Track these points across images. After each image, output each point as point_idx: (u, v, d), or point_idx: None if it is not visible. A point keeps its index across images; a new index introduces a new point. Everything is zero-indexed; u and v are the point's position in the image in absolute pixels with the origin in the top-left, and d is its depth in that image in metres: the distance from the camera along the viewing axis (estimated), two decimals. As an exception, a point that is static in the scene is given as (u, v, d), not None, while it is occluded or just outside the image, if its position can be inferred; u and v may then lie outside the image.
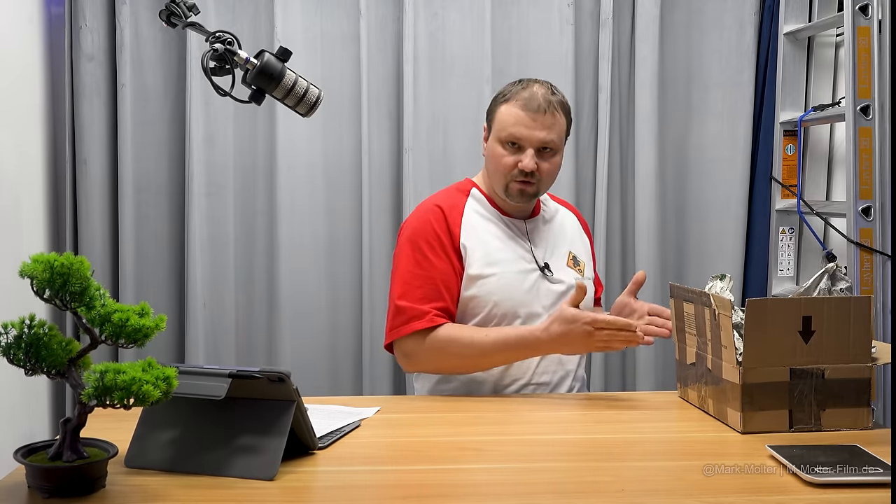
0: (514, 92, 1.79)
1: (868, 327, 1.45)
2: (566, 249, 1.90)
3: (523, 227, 1.86)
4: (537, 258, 1.84)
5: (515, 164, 1.76)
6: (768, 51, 2.55)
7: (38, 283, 1.09)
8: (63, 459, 1.12)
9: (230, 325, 2.53)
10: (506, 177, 1.78)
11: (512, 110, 1.77)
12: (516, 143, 1.76)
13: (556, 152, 1.80)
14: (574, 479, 1.24)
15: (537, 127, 1.75)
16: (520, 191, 1.79)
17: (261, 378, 1.23)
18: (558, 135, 1.78)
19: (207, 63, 1.40)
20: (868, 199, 2.13)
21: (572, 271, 1.86)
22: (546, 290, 1.82)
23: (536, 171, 1.76)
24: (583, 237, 1.98)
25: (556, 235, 1.90)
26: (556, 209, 1.97)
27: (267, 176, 2.51)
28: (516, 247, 1.84)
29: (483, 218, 1.85)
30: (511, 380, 1.80)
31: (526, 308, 1.80)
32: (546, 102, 1.76)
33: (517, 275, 1.80)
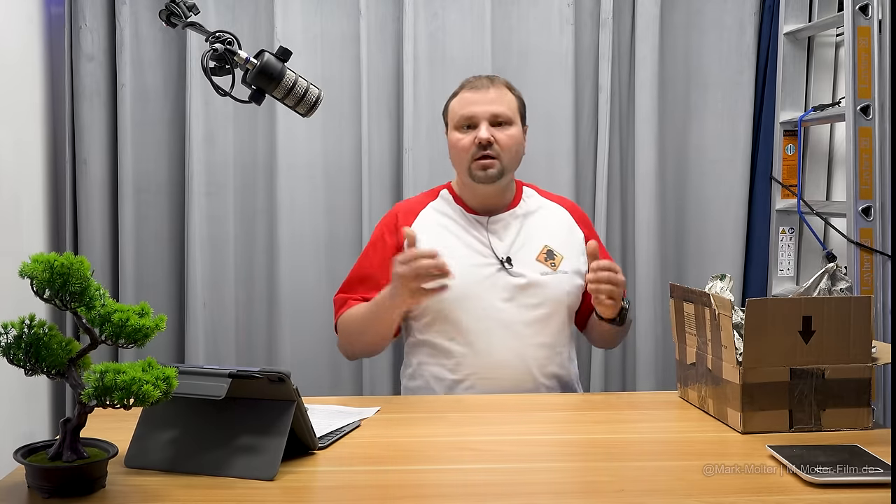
0: (460, 86, 1.93)
1: (868, 327, 1.45)
2: (541, 244, 1.89)
3: (484, 223, 1.89)
4: (497, 252, 1.85)
5: (473, 142, 1.83)
6: (768, 51, 2.55)
7: (38, 283, 1.09)
8: (63, 459, 1.12)
9: (230, 325, 2.53)
10: (467, 159, 1.85)
11: (460, 97, 1.89)
12: (469, 122, 1.85)
13: (511, 125, 1.87)
14: (574, 479, 1.24)
15: (485, 101, 1.85)
16: (483, 168, 1.83)
17: (261, 378, 1.24)
18: (509, 107, 1.87)
19: (207, 63, 1.40)
20: (868, 199, 2.13)
21: (542, 265, 1.86)
22: (504, 283, 1.84)
23: (495, 143, 1.83)
24: (573, 232, 1.96)
25: (530, 230, 1.91)
26: (541, 205, 1.98)
27: (267, 176, 2.51)
28: (474, 242, 1.87)
29: (443, 215, 1.92)
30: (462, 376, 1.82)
31: (476, 300, 1.82)
32: (489, 80, 1.89)
33: (468, 268, 1.83)
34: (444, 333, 1.84)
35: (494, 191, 1.89)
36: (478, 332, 1.82)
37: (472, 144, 1.83)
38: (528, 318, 1.83)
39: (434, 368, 1.85)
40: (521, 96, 1.94)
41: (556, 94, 2.52)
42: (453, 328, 1.83)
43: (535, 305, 1.84)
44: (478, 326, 1.82)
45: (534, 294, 1.84)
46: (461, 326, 1.82)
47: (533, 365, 1.83)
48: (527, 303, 1.84)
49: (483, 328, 1.82)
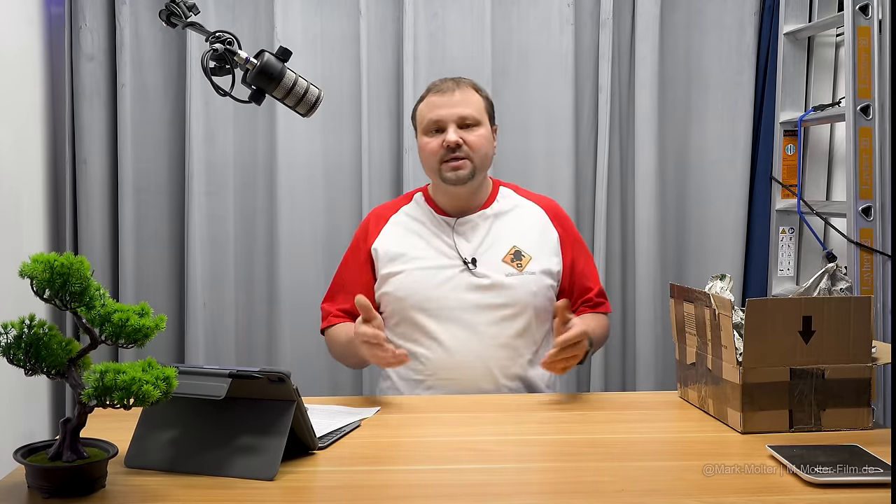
0: (426, 90, 1.93)
1: (868, 327, 1.45)
2: (509, 245, 1.89)
3: (452, 224, 1.90)
4: (463, 253, 1.86)
5: (441, 145, 1.84)
6: (768, 51, 2.55)
7: (38, 283, 1.09)
8: (63, 459, 1.12)
9: (230, 325, 2.53)
10: (437, 162, 1.86)
11: (427, 102, 1.90)
12: (437, 126, 1.86)
13: (479, 125, 1.87)
14: (574, 479, 1.24)
15: (451, 104, 1.86)
16: (453, 170, 1.84)
17: (261, 378, 1.24)
18: (475, 108, 1.88)
19: (207, 63, 1.40)
20: (868, 199, 2.13)
21: (508, 266, 1.86)
22: (468, 285, 1.84)
23: (464, 145, 1.84)
24: (547, 232, 1.94)
25: (499, 231, 1.91)
26: (517, 205, 1.97)
27: (267, 175, 2.51)
28: (440, 244, 1.89)
29: (412, 219, 1.94)
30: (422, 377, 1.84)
31: (436, 302, 1.83)
32: (454, 83, 1.89)
33: (430, 270, 1.85)
34: (408, 335, 1.85)
35: (466, 192, 1.90)
36: (439, 334, 1.82)
37: (441, 147, 1.84)
38: (491, 319, 1.83)
39: (400, 370, 1.86)
40: (488, 97, 1.94)
41: (556, 94, 2.52)
42: (416, 330, 1.84)
43: (499, 306, 1.84)
44: (439, 328, 1.83)
45: (497, 295, 1.84)
46: (424, 328, 1.83)
47: (494, 366, 1.83)
48: (490, 303, 1.84)
49: (445, 329, 1.83)
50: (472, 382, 1.82)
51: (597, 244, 2.53)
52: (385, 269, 1.88)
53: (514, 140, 2.54)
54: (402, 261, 1.87)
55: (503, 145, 2.52)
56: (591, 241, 2.56)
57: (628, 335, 2.60)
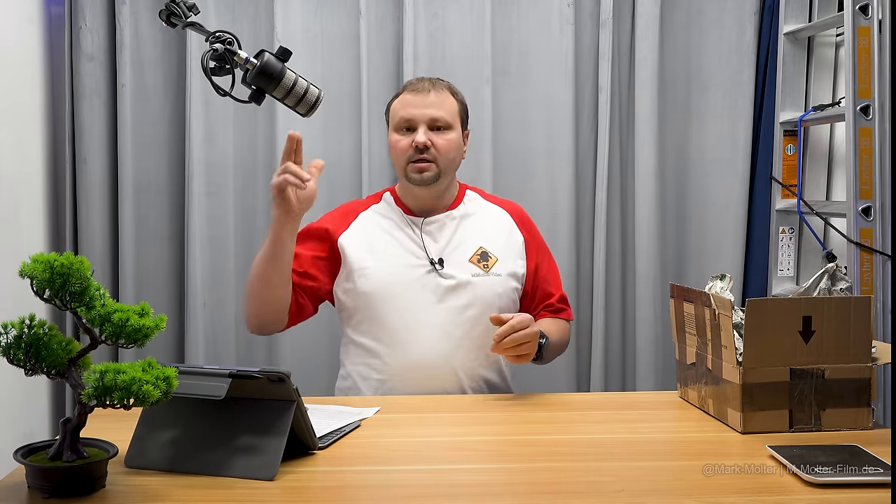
0: (402, 87, 1.94)
1: (868, 327, 1.45)
2: (476, 245, 1.89)
3: (419, 224, 1.90)
4: (430, 253, 1.86)
5: (410, 145, 1.85)
6: (768, 51, 2.55)
7: (38, 283, 1.09)
8: (63, 459, 1.12)
9: (230, 325, 2.53)
10: (404, 161, 1.86)
11: (401, 99, 1.90)
12: (408, 125, 1.86)
13: (450, 129, 1.88)
14: (574, 479, 1.24)
15: (424, 105, 1.86)
16: (419, 171, 1.85)
17: (261, 378, 1.24)
18: (448, 112, 1.88)
19: (207, 63, 1.40)
20: (868, 199, 2.13)
21: (474, 267, 1.86)
22: (434, 284, 1.84)
23: (432, 147, 1.84)
24: (512, 235, 1.95)
25: (466, 231, 1.91)
26: (482, 207, 1.98)
27: (267, 175, 2.50)
28: (408, 242, 1.89)
29: (381, 216, 1.94)
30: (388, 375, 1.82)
31: (405, 300, 1.82)
32: (430, 83, 1.89)
33: (399, 268, 1.85)
34: (371, 333, 1.85)
35: (431, 194, 1.90)
36: (403, 332, 1.82)
37: (410, 147, 1.85)
38: (457, 320, 1.83)
39: (361, 368, 1.86)
40: (463, 101, 1.94)
41: (556, 94, 2.52)
42: (379, 328, 1.84)
43: (465, 307, 1.83)
44: (403, 326, 1.82)
45: (463, 295, 1.84)
46: (387, 326, 1.83)
47: (458, 367, 1.82)
48: (456, 304, 1.83)
49: (408, 328, 1.82)
50: (435, 382, 1.81)
51: (597, 244, 2.53)
52: (353, 264, 1.86)
53: (514, 140, 2.54)
54: (369, 257, 1.86)
55: (503, 145, 2.53)
56: (591, 241, 2.56)
57: (628, 335, 2.60)
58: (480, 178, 2.47)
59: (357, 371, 1.87)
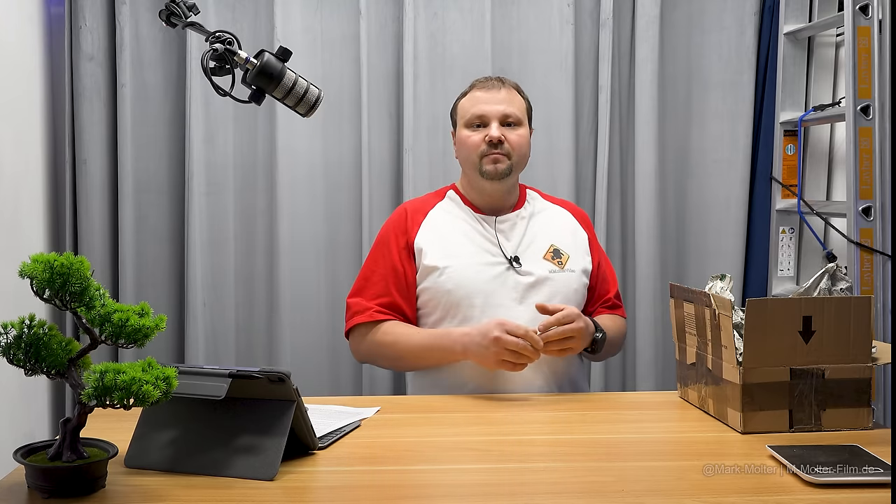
0: (470, 86, 1.96)
1: (868, 327, 1.45)
2: (548, 243, 1.91)
3: (492, 222, 1.91)
4: (505, 251, 1.86)
5: (483, 139, 1.86)
6: (768, 51, 2.55)
7: (38, 283, 1.09)
8: (63, 459, 1.12)
9: (230, 325, 2.53)
10: (477, 156, 1.87)
11: (471, 96, 1.92)
12: (480, 121, 1.88)
13: (521, 125, 1.91)
14: (574, 479, 1.24)
15: (496, 101, 1.89)
16: (494, 164, 1.86)
17: (261, 378, 1.24)
18: (518, 108, 1.91)
19: (207, 63, 1.40)
20: (868, 199, 2.13)
21: (549, 264, 1.87)
22: (513, 282, 1.84)
23: (505, 142, 1.86)
24: (577, 233, 1.97)
25: (537, 230, 1.92)
26: (545, 207, 2.00)
27: (267, 176, 2.51)
28: (482, 240, 1.88)
29: (451, 215, 1.93)
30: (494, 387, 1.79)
31: (484, 298, 1.82)
32: (499, 81, 1.93)
33: (478, 266, 1.84)
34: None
35: (501, 190, 1.91)
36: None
37: (483, 142, 1.86)
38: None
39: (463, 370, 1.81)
40: (528, 99, 1.97)
41: (556, 94, 2.52)
42: (463, 325, 1.81)
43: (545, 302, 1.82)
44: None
45: (542, 292, 1.84)
46: (471, 323, 1.80)
47: (545, 362, 1.80)
48: (536, 301, 1.82)
49: None
50: (522, 381, 1.78)
51: (597, 244, 2.54)
52: (429, 262, 1.85)
53: (514, 140, 2.54)
54: (447, 256, 1.85)
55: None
56: (591, 241, 2.56)
57: (628, 335, 2.59)
58: (480, 178, 2.47)
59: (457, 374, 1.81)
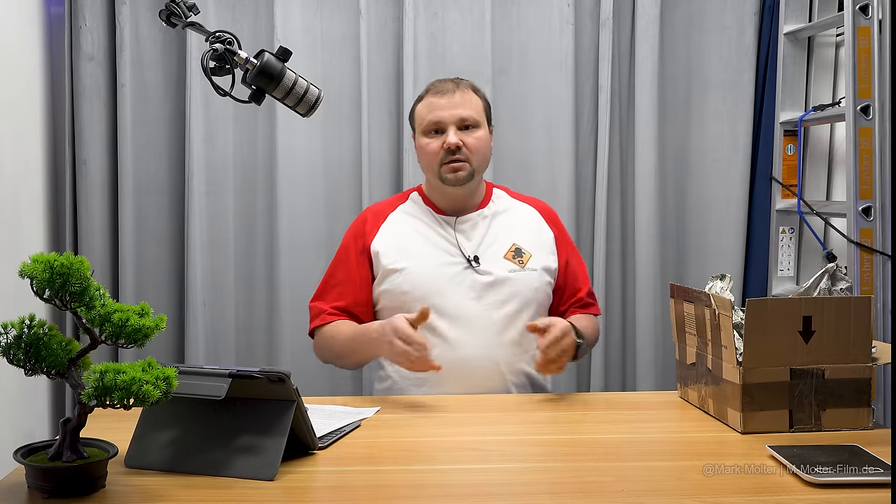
0: (425, 90, 1.94)
1: (868, 327, 1.45)
2: (509, 242, 1.90)
3: (452, 223, 1.91)
4: (465, 251, 1.86)
5: (441, 146, 1.85)
6: (768, 51, 2.55)
7: (38, 283, 1.09)
8: (63, 459, 1.12)
9: (230, 325, 2.53)
10: (437, 164, 1.87)
11: (426, 102, 1.90)
12: (437, 127, 1.87)
13: (479, 127, 1.89)
14: (574, 479, 1.24)
15: (451, 106, 1.86)
16: (453, 171, 1.85)
17: (261, 378, 1.24)
18: (475, 110, 1.88)
19: (207, 63, 1.40)
20: (868, 199, 2.13)
21: (510, 263, 1.87)
22: (471, 281, 1.85)
23: (463, 147, 1.85)
24: (543, 232, 1.96)
25: (499, 229, 1.92)
26: (511, 206, 1.99)
27: (267, 176, 2.51)
28: (441, 241, 1.89)
29: (411, 217, 1.93)
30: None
31: (443, 299, 1.82)
32: (454, 84, 1.90)
33: (435, 266, 1.85)
34: None
35: (464, 193, 1.91)
36: (444, 331, 1.81)
37: (441, 149, 1.85)
38: (496, 317, 1.83)
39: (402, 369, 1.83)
40: (486, 97, 1.96)
41: (556, 94, 2.52)
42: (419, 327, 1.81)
43: (503, 302, 1.84)
44: (445, 325, 1.81)
45: (501, 291, 1.84)
46: (427, 325, 1.80)
47: (501, 362, 1.83)
48: (494, 300, 1.84)
49: (451, 327, 1.81)
50: (479, 380, 1.80)
51: (597, 244, 2.53)
52: (387, 265, 1.86)
53: (514, 140, 2.54)
54: (404, 257, 1.86)
55: (503, 145, 2.52)
56: (590, 241, 2.56)
57: (628, 335, 2.60)
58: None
59: (399, 371, 1.85)
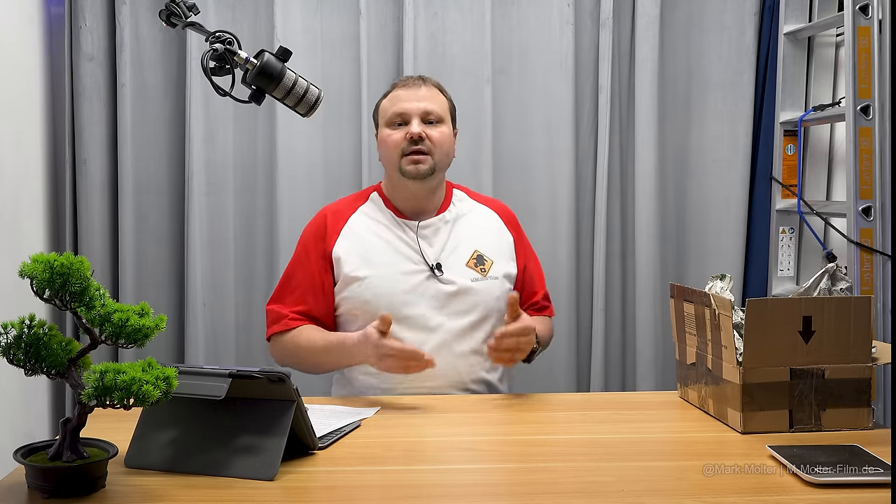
0: (391, 87, 1.94)
1: (868, 327, 1.45)
2: (471, 249, 1.88)
3: (415, 227, 1.87)
4: (427, 258, 1.84)
5: (404, 137, 1.83)
6: (768, 51, 2.55)
7: (38, 283, 1.09)
8: (63, 459, 1.12)
9: (230, 325, 2.53)
10: (398, 154, 1.84)
11: (391, 96, 1.90)
12: (401, 118, 1.85)
13: (442, 122, 1.87)
14: (574, 479, 1.24)
15: (416, 98, 1.86)
16: (414, 164, 1.82)
17: (261, 378, 1.24)
18: (440, 106, 1.88)
19: (207, 63, 1.40)
20: (868, 199, 2.13)
21: (472, 271, 1.85)
22: (434, 291, 1.82)
23: (427, 139, 1.82)
24: (502, 235, 1.94)
25: (461, 234, 1.89)
26: (471, 208, 1.96)
27: (267, 176, 2.51)
28: (403, 247, 1.85)
29: (372, 220, 1.89)
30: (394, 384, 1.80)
31: (406, 308, 1.80)
32: (420, 79, 1.90)
33: (397, 275, 1.81)
34: None
35: (425, 190, 1.87)
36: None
37: (404, 139, 1.83)
38: (458, 326, 1.81)
39: (363, 378, 1.83)
40: (451, 99, 1.94)
41: (556, 94, 2.52)
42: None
43: (465, 312, 1.82)
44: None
45: (463, 301, 1.82)
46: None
47: (463, 371, 1.81)
48: (456, 310, 1.82)
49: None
50: (440, 389, 1.80)
51: (597, 244, 2.53)
52: (348, 273, 1.82)
53: (514, 140, 2.54)
54: (366, 265, 1.82)
55: (503, 145, 2.53)
56: (591, 241, 2.56)
57: (628, 335, 2.60)
58: (480, 178, 2.47)
59: (361, 381, 1.84)
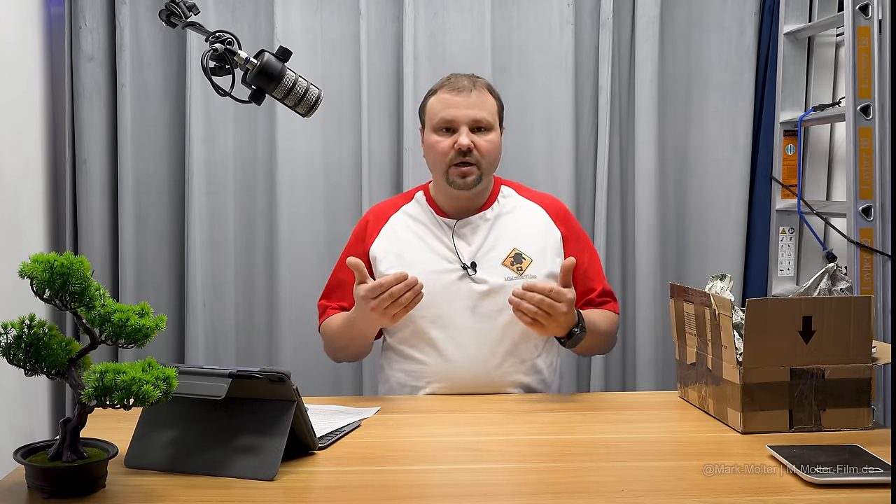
0: (440, 84, 1.86)
1: (868, 327, 1.45)
2: (510, 247, 1.85)
3: (452, 226, 1.86)
4: (463, 257, 1.82)
5: (452, 146, 1.79)
6: (768, 51, 2.55)
7: (38, 283, 1.09)
8: (63, 459, 1.12)
9: (230, 325, 2.53)
10: (445, 163, 1.80)
11: (440, 98, 1.83)
12: (449, 125, 1.80)
13: (491, 130, 1.83)
14: (574, 479, 1.24)
15: (466, 105, 1.80)
16: (461, 175, 1.80)
17: (261, 378, 1.24)
18: (489, 112, 1.82)
19: (207, 63, 1.40)
20: (868, 199, 2.13)
21: (507, 270, 1.81)
22: (467, 290, 1.80)
23: (474, 149, 1.79)
24: (549, 232, 1.89)
25: (500, 233, 1.86)
26: (518, 205, 1.92)
27: (267, 176, 2.51)
28: (439, 246, 1.84)
29: (412, 219, 1.89)
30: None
31: (438, 307, 1.78)
32: (470, 83, 1.82)
33: (430, 274, 1.78)
34: (407, 341, 1.82)
35: (469, 195, 1.85)
36: (439, 340, 1.78)
37: (451, 149, 1.79)
38: (490, 327, 1.79)
39: (398, 374, 1.83)
40: (500, 98, 1.89)
41: (556, 94, 2.52)
42: (415, 335, 1.81)
43: (498, 312, 1.79)
44: (439, 334, 1.78)
45: (496, 301, 1.79)
46: (422, 334, 1.79)
47: (494, 374, 1.79)
48: (489, 310, 1.79)
49: (444, 336, 1.78)
50: (472, 389, 1.78)
51: (597, 244, 2.53)
52: (383, 271, 1.82)
53: (514, 140, 2.53)
54: (401, 264, 1.82)
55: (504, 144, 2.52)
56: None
57: (628, 335, 2.60)
58: (480, 178, 2.47)
59: (395, 378, 1.84)
